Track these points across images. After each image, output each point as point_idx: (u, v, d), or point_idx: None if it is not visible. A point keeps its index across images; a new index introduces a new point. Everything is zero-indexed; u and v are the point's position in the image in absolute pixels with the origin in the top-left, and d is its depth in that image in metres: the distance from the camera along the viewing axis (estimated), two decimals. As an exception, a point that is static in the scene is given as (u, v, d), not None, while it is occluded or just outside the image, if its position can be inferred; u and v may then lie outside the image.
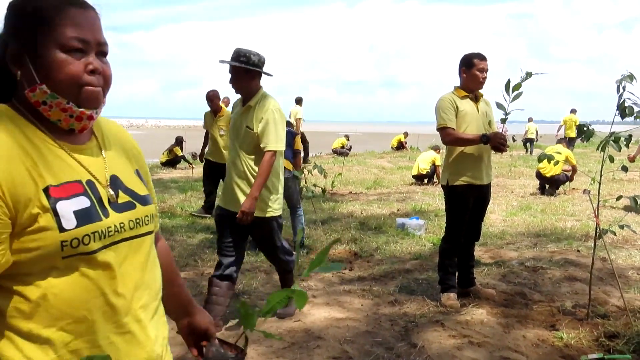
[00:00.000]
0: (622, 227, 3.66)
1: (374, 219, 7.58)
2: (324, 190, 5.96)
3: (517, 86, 3.68)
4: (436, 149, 12.72)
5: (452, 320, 3.75)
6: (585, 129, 3.62)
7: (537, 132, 22.57)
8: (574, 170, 10.46)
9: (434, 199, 9.64)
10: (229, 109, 6.23)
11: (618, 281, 3.84)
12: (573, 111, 18.67)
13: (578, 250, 5.80)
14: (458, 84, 4.18)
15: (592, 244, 4.01)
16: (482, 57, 4.08)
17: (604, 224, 4.13)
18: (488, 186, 4.24)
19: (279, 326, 3.69)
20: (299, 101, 15.97)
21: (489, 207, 8.36)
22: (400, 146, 23.53)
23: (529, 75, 3.70)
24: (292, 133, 5.63)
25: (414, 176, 12.33)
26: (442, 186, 4.26)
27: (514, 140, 26.31)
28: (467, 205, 4.13)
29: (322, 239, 6.41)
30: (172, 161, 15.47)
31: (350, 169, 14.92)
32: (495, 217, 7.91)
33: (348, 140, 22.57)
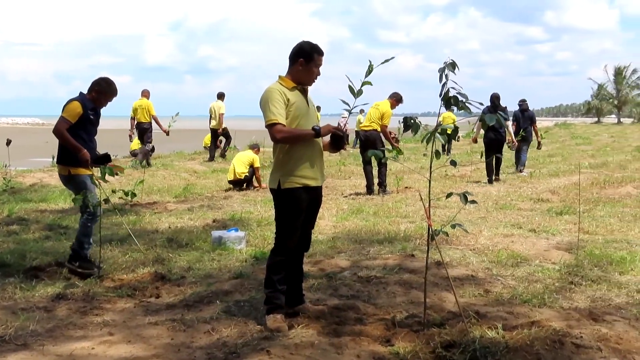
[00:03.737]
0: (454, 226, 4.03)
1: (185, 234, 7.48)
2: (127, 193, 5.74)
3: (365, 83, 3.92)
4: (254, 148, 12.89)
5: (279, 345, 3.82)
6: (412, 121, 3.90)
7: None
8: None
9: (256, 206, 9.78)
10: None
11: (452, 286, 4.22)
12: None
13: (412, 255, 6.28)
14: (284, 72, 4.29)
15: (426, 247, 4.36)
16: (322, 52, 4.27)
17: (437, 225, 4.52)
18: (321, 188, 4.42)
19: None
20: (221, 96, 18.16)
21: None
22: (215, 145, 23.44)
23: (370, 68, 3.93)
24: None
25: (230, 181, 12.37)
26: (272, 190, 4.31)
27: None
28: (301, 210, 4.24)
29: (121, 260, 6.16)
30: None
31: (154, 174, 14.55)
32: (324, 224, 8.24)
33: (131, 140, 21.87)
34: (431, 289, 4.97)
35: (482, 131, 13.66)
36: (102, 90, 5.92)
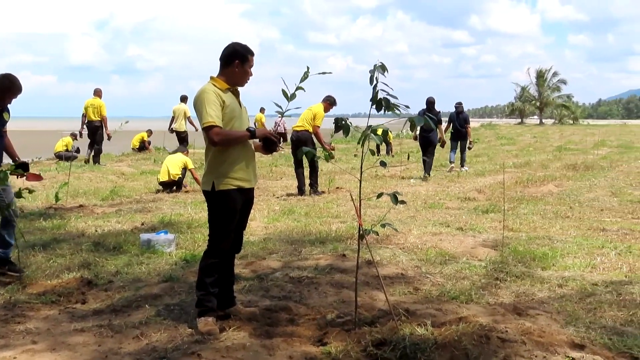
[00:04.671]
0: (384, 225, 4.08)
1: (113, 237, 7.29)
2: (31, 192, 5.52)
3: (299, 88, 3.92)
4: (183, 150, 12.77)
5: (210, 349, 3.78)
6: (343, 122, 3.94)
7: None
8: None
9: (186, 207, 9.65)
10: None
11: (383, 284, 4.28)
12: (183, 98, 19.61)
13: (344, 255, 6.33)
14: (214, 72, 4.25)
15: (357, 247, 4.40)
16: (254, 53, 4.27)
17: (367, 224, 4.57)
18: (254, 189, 4.42)
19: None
20: (184, 99, 18.68)
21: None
22: (143, 146, 23.03)
23: (305, 75, 3.91)
24: None
25: (161, 183, 12.16)
26: (205, 192, 4.26)
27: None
28: (235, 211, 4.22)
29: (44, 266, 5.96)
30: None
31: (79, 176, 14.12)
32: (256, 225, 8.21)
33: (76, 139, 21.38)
34: (362, 288, 5.03)
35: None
36: (4, 88, 5.66)
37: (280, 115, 4.20)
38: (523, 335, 3.76)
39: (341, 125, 3.88)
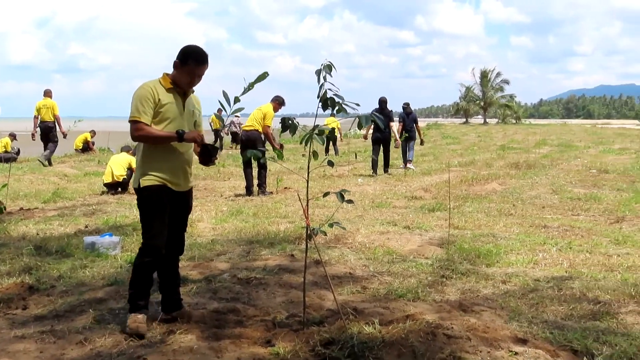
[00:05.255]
0: (331, 225, 4.09)
1: (55, 241, 7.11)
2: None
3: (236, 100, 3.78)
4: (129, 150, 12.57)
5: (156, 352, 3.72)
6: (290, 122, 3.93)
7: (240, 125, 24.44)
8: None
9: (132, 209, 9.47)
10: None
11: (331, 283, 4.29)
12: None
13: (292, 255, 6.33)
14: (159, 72, 4.21)
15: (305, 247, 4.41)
16: (200, 61, 4.11)
17: (315, 224, 4.58)
18: (189, 193, 4.36)
19: None
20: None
21: (196, 214, 8.56)
22: (87, 147, 22.60)
23: (251, 86, 3.82)
24: None
25: (106, 184, 11.93)
26: (135, 190, 4.22)
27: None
28: (163, 207, 4.15)
29: (-17, 272, 5.76)
30: None
31: (19, 178, 13.71)
32: (203, 226, 8.14)
33: (15, 139, 20.85)
34: (311, 288, 5.04)
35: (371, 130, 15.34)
36: None
37: (235, 115, 4.16)
38: (468, 331, 3.83)
39: (288, 125, 3.88)
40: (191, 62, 4.10)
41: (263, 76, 3.82)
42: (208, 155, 4.21)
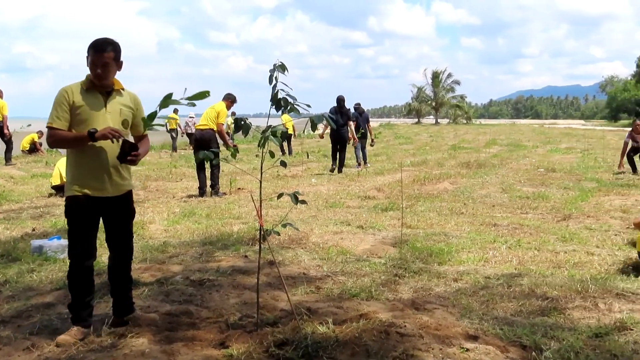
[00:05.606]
0: (285, 226, 4.09)
1: (1, 245, 6.93)
2: None
3: (165, 104, 3.45)
4: None
5: (107, 357, 3.65)
6: (243, 122, 3.91)
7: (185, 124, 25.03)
8: None
9: (81, 211, 9.28)
10: None
11: (284, 284, 4.28)
12: None
13: (246, 256, 6.29)
14: None
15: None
16: (98, 49, 3.91)
17: (269, 225, 4.56)
18: (124, 197, 4.17)
19: None
20: None
21: (148, 216, 8.43)
22: (34, 148, 22.05)
23: (191, 103, 3.58)
24: None
25: (54, 187, 11.64)
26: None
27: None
28: (82, 220, 3.98)
29: None
30: None
31: (-37, 180, 13.30)
32: (155, 228, 8.03)
33: None
34: (264, 289, 5.02)
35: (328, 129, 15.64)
36: None
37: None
38: (421, 329, 3.88)
39: (241, 125, 3.86)
40: (90, 53, 3.92)
41: (203, 95, 3.52)
42: (123, 152, 3.91)
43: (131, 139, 4.21)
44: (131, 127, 4.20)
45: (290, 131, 22.95)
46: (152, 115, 3.46)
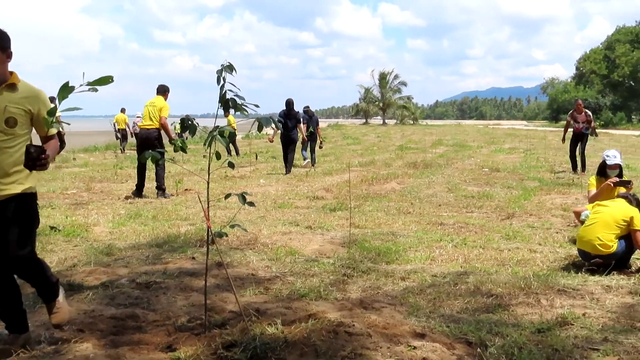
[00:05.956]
0: (233, 227, 4.06)
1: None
2: None
3: (64, 95, 3.15)
4: None
5: (50, 364, 3.57)
6: (189, 122, 3.87)
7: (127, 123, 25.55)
8: None
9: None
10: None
11: (233, 285, 4.25)
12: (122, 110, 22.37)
13: (193, 258, 6.22)
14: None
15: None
16: None
17: (217, 226, 4.53)
18: (7, 202, 3.69)
19: None
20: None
21: (92, 218, 8.24)
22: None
23: (93, 89, 3.35)
24: None
25: None
26: None
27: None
28: None
29: None
30: None
31: None
32: (100, 230, 7.87)
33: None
34: (212, 291, 4.98)
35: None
36: None
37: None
38: (369, 328, 3.91)
39: (188, 125, 3.81)
40: None
41: (107, 80, 3.24)
42: (28, 158, 3.42)
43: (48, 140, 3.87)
44: (35, 127, 3.80)
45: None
46: (52, 112, 3.27)
